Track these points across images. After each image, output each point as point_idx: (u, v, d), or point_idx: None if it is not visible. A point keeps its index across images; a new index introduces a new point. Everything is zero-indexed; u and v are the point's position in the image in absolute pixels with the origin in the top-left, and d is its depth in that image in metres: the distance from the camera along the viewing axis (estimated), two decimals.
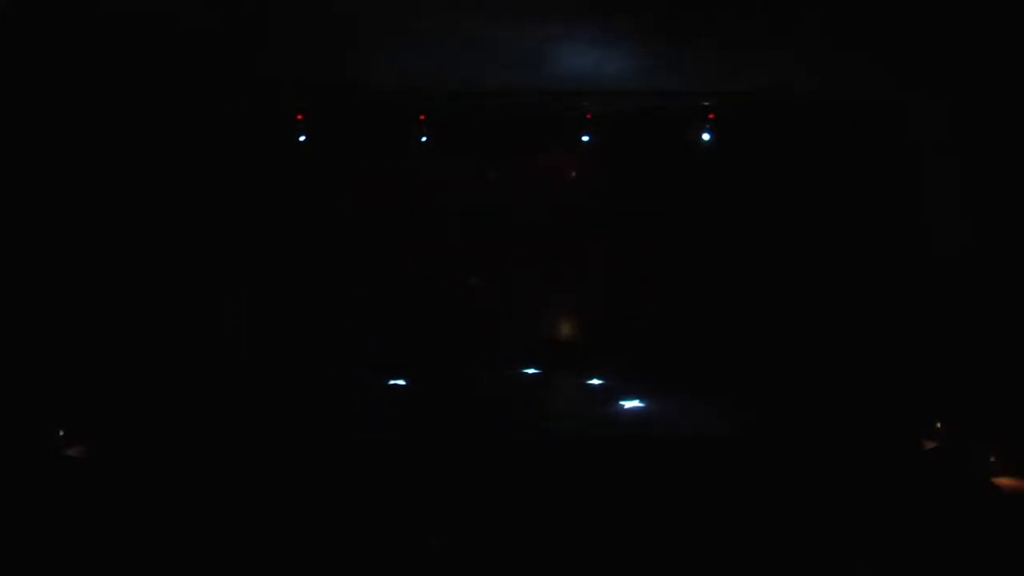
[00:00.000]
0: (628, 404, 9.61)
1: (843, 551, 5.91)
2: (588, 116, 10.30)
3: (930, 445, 8.25)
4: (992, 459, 7.46)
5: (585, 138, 10.46)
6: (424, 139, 10.40)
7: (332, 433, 8.74)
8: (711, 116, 10.22)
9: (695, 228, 10.80)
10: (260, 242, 10.52)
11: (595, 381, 10.44)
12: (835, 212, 10.11)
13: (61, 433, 8.13)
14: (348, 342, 10.55)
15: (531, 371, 10.63)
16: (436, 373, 10.50)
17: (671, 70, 8.57)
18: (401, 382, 10.29)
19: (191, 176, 10.10)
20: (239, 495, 6.96)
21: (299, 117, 10.25)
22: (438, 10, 6.50)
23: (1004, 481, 7.28)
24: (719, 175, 10.62)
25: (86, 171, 9.28)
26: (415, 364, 10.57)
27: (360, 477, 7.36)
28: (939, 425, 8.37)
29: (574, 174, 11.05)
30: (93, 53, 7.21)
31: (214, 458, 7.85)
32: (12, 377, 8.17)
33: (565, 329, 11.00)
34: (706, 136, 10.32)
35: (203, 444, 8.26)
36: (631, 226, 10.89)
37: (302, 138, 10.37)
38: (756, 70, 8.33)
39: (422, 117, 10.27)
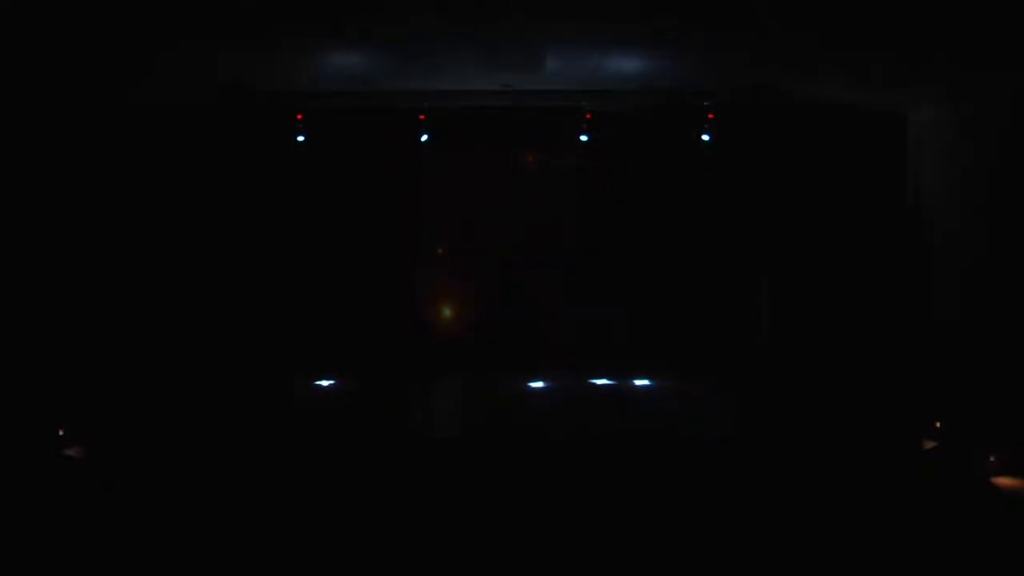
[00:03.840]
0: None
1: (843, 550, 5.91)
2: (588, 116, 10.31)
3: (930, 445, 8.26)
4: (992, 459, 7.47)
5: (585, 138, 10.46)
6: (424, 139, 10.40)
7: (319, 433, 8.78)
8: (711, 116, 10.23)
9: (695, 228, 10.80)
10: (259, 244, 10.52)
11: (599, 381, 10.46)
12: (835, 213, 10.11)
13: (61, 433, 8.14)
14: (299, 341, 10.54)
15: (534, 372, 10.61)
16: (435, 375, 10.51)
17: (671, 71, 8.56)
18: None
19: (189, 179, 10.11)
20: (238, 494, 6.96)
21: (299, 117, 10.24)
22: (438, 9, 6.49)
23: (1004, 481, 7.29)
24: (719, 174, 10.62)
25: (85, 174, 9.29)
26: (419, 367, 10.59)
27: (362, 478, 7.38)
28: (939, 425, 8.38)
29: (574, 174, 11.04)
30: (87, 53, 7.21)
31: (213, 458, 7.86)
32: (12, 377, 8.18)
33: (564, 327, 10.97)
34: (706, 136, 10.33)
35: (201, 444, 8.26)
36: (630, 225, 10.88)
37: (300, 138, 10.36)
38: (757, 71, 8.32)
39: (422, 117, 10.27)
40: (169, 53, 7.58)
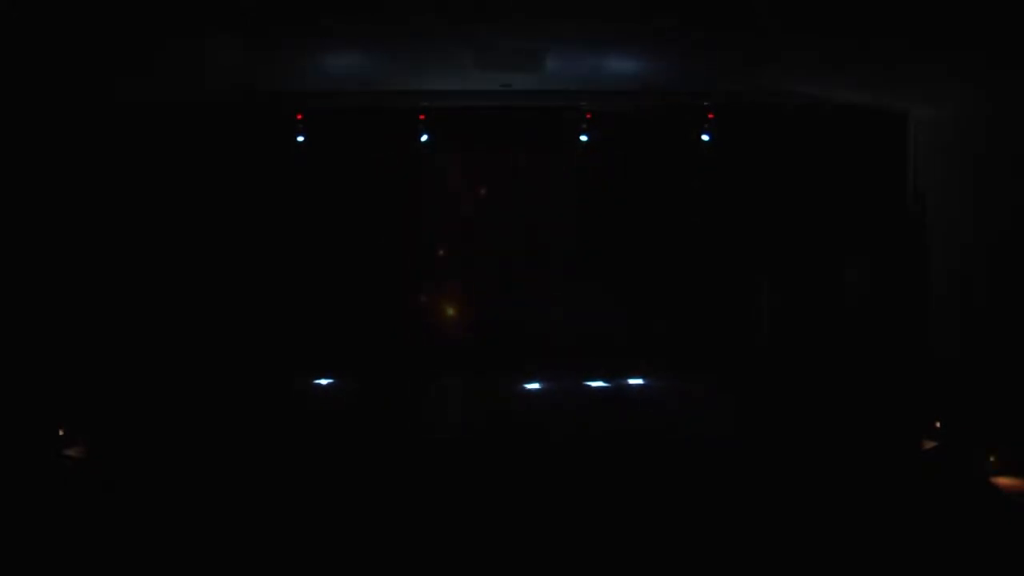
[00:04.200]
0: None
1: (843, 550, 5.91)
2: (588, 116, 10.32)
3: (930, 445, 8.27)
4: (992, 459, 7.47)
5: (585, 138, 10.47)
6: (424, 139, 10.40)
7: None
8: (711, 116, 10.24)
9: (695, 228, 10.80)
10: (259, 244, 10.53)
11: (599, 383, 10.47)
12: (835, 212, 10.12)
13: (61, 433, 8.14)
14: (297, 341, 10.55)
15: (534, 372, 10.60)
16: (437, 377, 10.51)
17: (671, 71, 8.57)
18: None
19: (189, 179, 10.12)
20: (238, 494, 6.96)
21: (299, 117, 10.24)
22: (438, 9, 6.49)
23: (1003, 481, 7.29)
24: (719, 174, 10.62)
25: (86, 174, 9.29)
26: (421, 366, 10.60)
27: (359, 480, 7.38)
28: (939, 425, 8.38)
29: (573, 174, 11.05)
30: (85, 54, 7.21)
31: (213, 457, 7.87)
32: (12, 377, 8.18)
33: (564, 327, 10.96)
34: (706, 136, 10.34)
35: (201, 443, 8.27)
36: (630, 226, 10.88)
37: (300, 138, 10.36)
38: (757, 71, 8.33)
39: (422, 117, 10.28)
40: (168, 53, 7.58)
